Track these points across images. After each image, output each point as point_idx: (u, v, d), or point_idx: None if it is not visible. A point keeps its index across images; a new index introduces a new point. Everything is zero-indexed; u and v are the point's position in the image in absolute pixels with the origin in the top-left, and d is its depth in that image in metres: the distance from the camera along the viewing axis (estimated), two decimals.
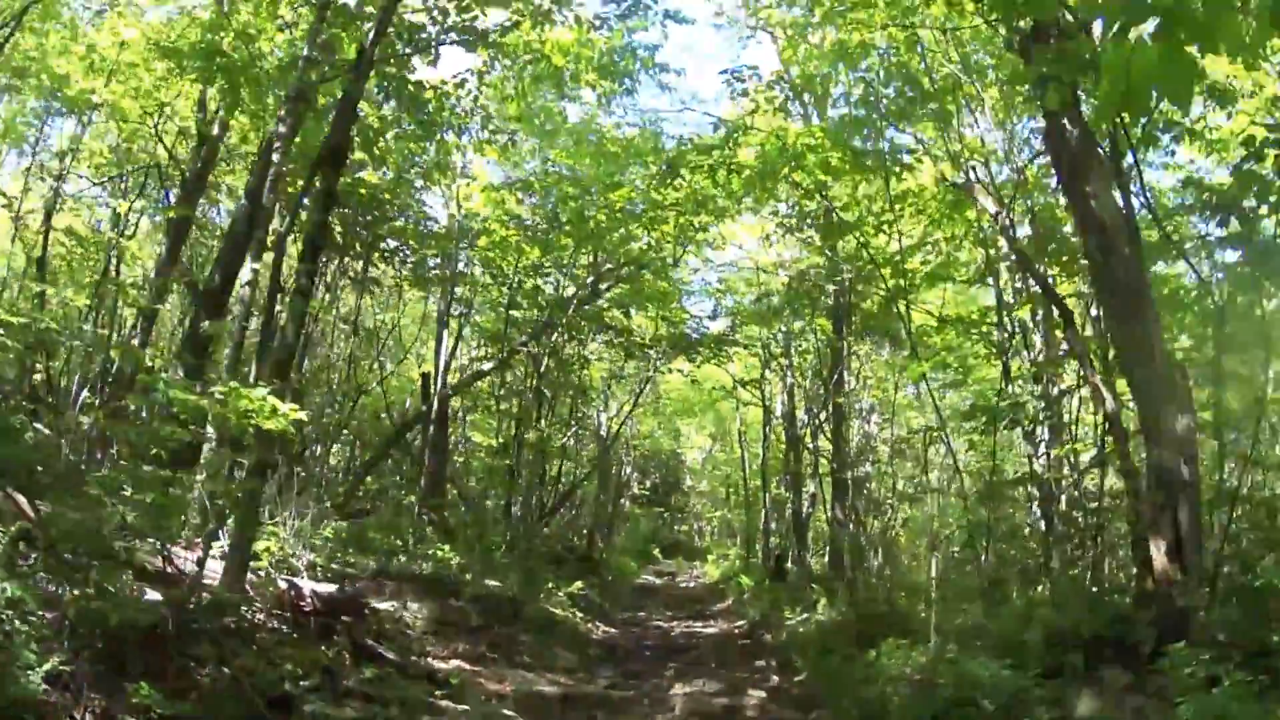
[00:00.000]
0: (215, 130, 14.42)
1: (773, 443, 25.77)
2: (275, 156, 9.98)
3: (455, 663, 8.57)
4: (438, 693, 7.30)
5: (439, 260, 17.70)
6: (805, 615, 14.35)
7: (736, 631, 15.56)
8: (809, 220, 16.44)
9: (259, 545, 8.17)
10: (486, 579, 12.97)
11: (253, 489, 7.41)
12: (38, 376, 13.59)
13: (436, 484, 24.14)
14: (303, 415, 7.52)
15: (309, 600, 7.38)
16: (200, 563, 6.66)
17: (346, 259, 17.84)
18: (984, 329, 19.80)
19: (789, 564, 21.05)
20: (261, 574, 8.06)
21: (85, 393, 13.16)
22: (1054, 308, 11.06)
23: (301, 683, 6.18)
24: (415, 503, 21.81)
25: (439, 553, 13.68)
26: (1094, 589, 10.09)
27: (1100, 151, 8.67)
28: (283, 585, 7.54)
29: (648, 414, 33.02)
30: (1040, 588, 10.84)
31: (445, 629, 9.39)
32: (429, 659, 8.44)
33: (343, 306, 22.91)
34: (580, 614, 14.72)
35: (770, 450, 22.98)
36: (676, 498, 49.79)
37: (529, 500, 20.83)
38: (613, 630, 14.90)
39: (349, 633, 7.40)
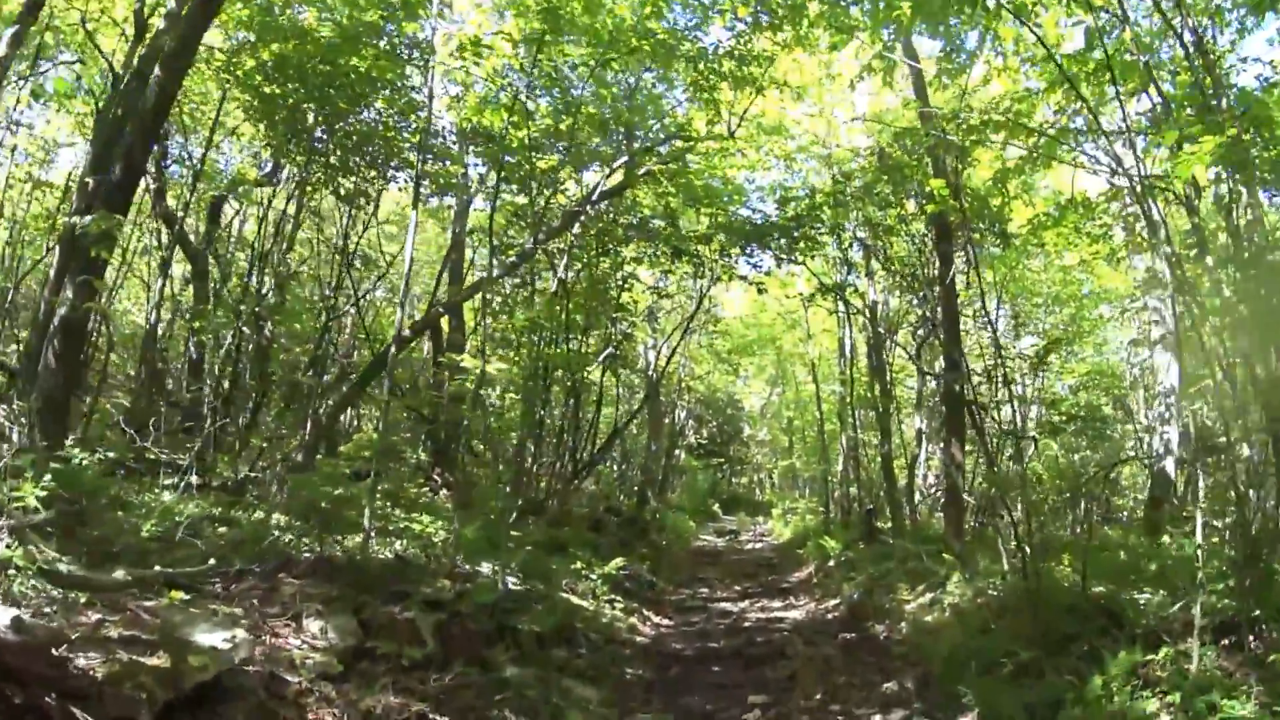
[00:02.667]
0: None
1: (852, 375, 21.64)
2: None
3: None
4: None
5: (426, 160, 13.65)
6: (930, 596, 10.31)
7: (832, 617, 11.57)
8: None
9: None
10: (484, 563, 9.13)
11: None
12: None
13: (451, 440, 20.41)
14: None
15: None
16: None
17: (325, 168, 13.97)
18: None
19: (882, 520, 16.95)
20: None
21: None
22: None
23: None
24: (428, 462, 18.25)
25: (416, 526, 9.84)
26: None
27: None
28: None
29: (703, 352, 28.82)
30: None
31: (368, 666, 5.55)
32: None
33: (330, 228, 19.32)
34: (620, 604, 10.82)
35: (852, 385, 18.74)
36: (735, 447, 45.90)
37: (560, 452, 16.93)
38: (664, 624, 10.99)
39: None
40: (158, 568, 5.77)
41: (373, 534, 8.94)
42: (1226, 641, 6.43)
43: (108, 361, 16.50)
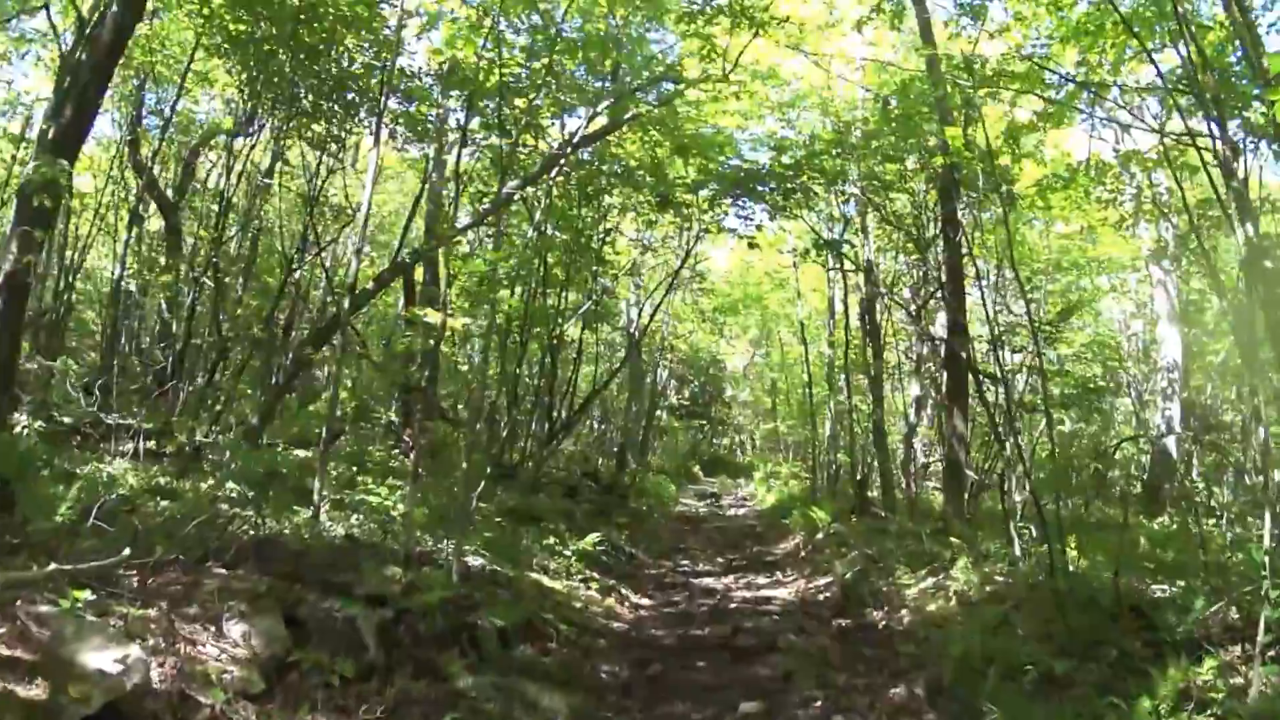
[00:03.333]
0: None
1: (847, 338, 20.91)
2: None
3: None
4: None
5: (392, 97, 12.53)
6: (933, 580, 9.54)
7: (824, 598, 10.79)
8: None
9: None
10: (447, 540, 8.26)
11: None
12: None
13: (426, 400, 19.50)
14: None
15: None
16: None
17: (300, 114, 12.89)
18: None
19: (872, 491, 16.22)
20: None
21: None
22: None
23: None
24: (398, 423, 17.33)
25: (373, 499, 8.95)
26: None
27: None
28: None
29: (687, 309, 27.88)
30: None
31: (296, 680, 4.67)
32: None
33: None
34: (596, 583, 9.99)
35: (846, 348, 17.91)
36: (717, 408, 45.18)
37: (535, 413, 16.05)
38: (644, 604, 10.18)
39: None
40: (54, 565, 4.84)
41: (324, 508, 8.05)
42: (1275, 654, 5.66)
43: (67, 319, 15.50)
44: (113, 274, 15.60)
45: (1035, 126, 13.23)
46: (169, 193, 16.02)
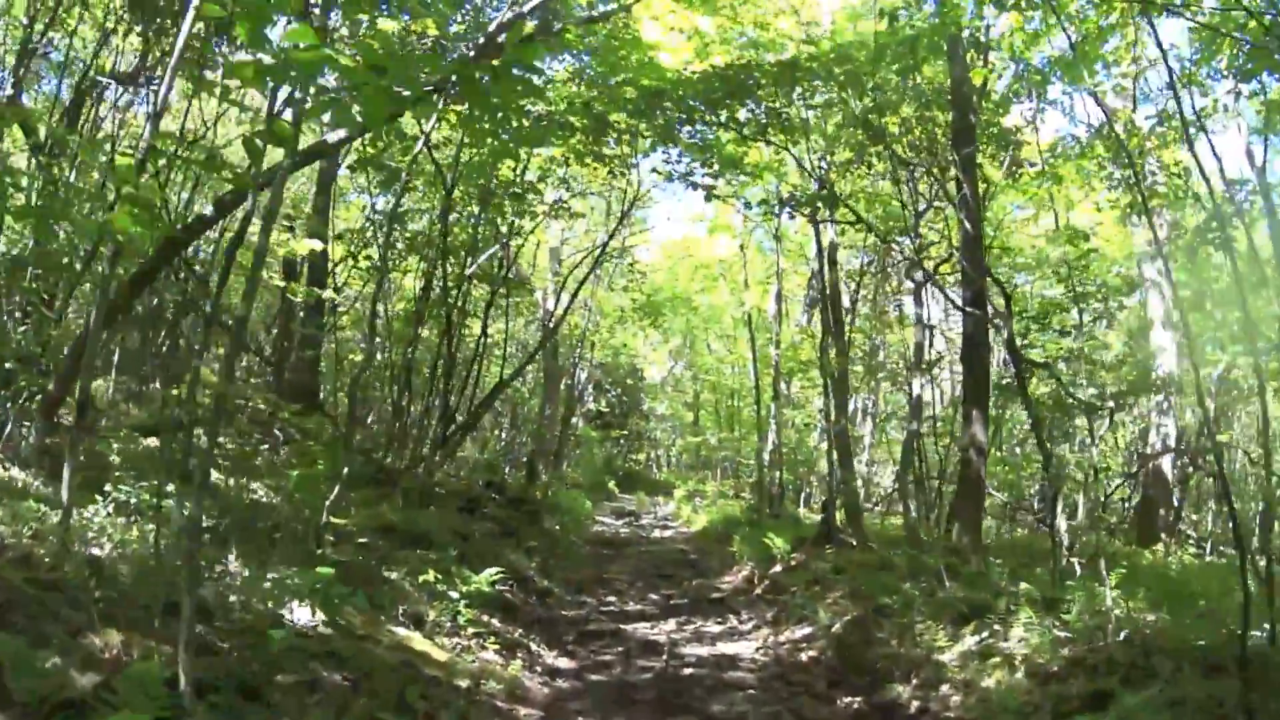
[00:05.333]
0: None
1: (787, 333, 18.24)
2: None
3: None
4: None
5: None
6: (978, 639, 6.71)
7: (808, 658, 7.89)
8: None
9: None
10: (248, 570, 5.13)
11: None
12: None
13: (301, 385, 16.14)
14: None
15: None
16: None
17: None
18: None
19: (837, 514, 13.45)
20: None
21: None
22: None
23: None
24: (267, 411, 13.98)
25: (144, 499, 5.75)
26: None
27: None
28: None
29: (612, 299, 24.77)
30: None
31: None
32: None
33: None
34: (494, 639, 6.91)
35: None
36: (634, 420, 42.33)
37: (428, 408, 12.84)
38: (562, 669, 7.12)
39: None
40: None
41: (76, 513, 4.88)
42: None
43: None
44: None
45: (1048, 79, 10.85)
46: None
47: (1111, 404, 9.12)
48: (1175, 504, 14.82)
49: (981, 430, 8.93)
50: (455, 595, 6.78)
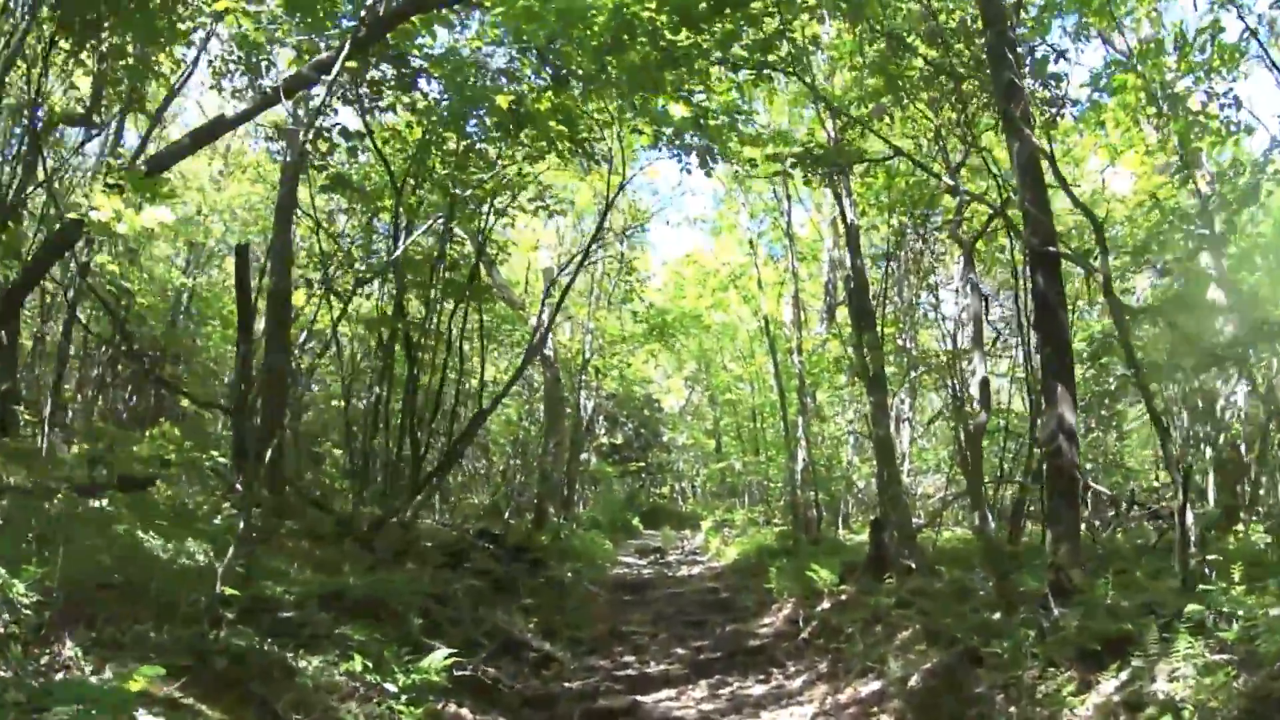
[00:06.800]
0: None
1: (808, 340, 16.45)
2: None
3: None
4: None
5: None
6: (1119, 681, 4.79)
7: None
8: None
9: None
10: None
11: None
12: None
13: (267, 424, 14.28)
14: None
15: None
16: None
17: None
18: None
19: (888, 536, 11.48)
20: None
21: None
22: None
23: None
24: (227, 465, 12.24)
25: None
26: None
27: None
28: None
29: (613, 325, 22.88)
30: None
31: None
32: None
33: None
34: None
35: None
36: (655, 453, 40.46)
37: (397, 446, 11.00)
38: None
39: None
40: None
41: None
42: None
43: None
44: None
45: None
46: None
47: (1242, 352, 7.19)
48: (1252, 477, 12.82)
49: (1070, 409, 7.03)
50: (393, 688, 4.92)
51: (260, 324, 12.80)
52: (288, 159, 13.75)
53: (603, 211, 10.83)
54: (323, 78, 7.51)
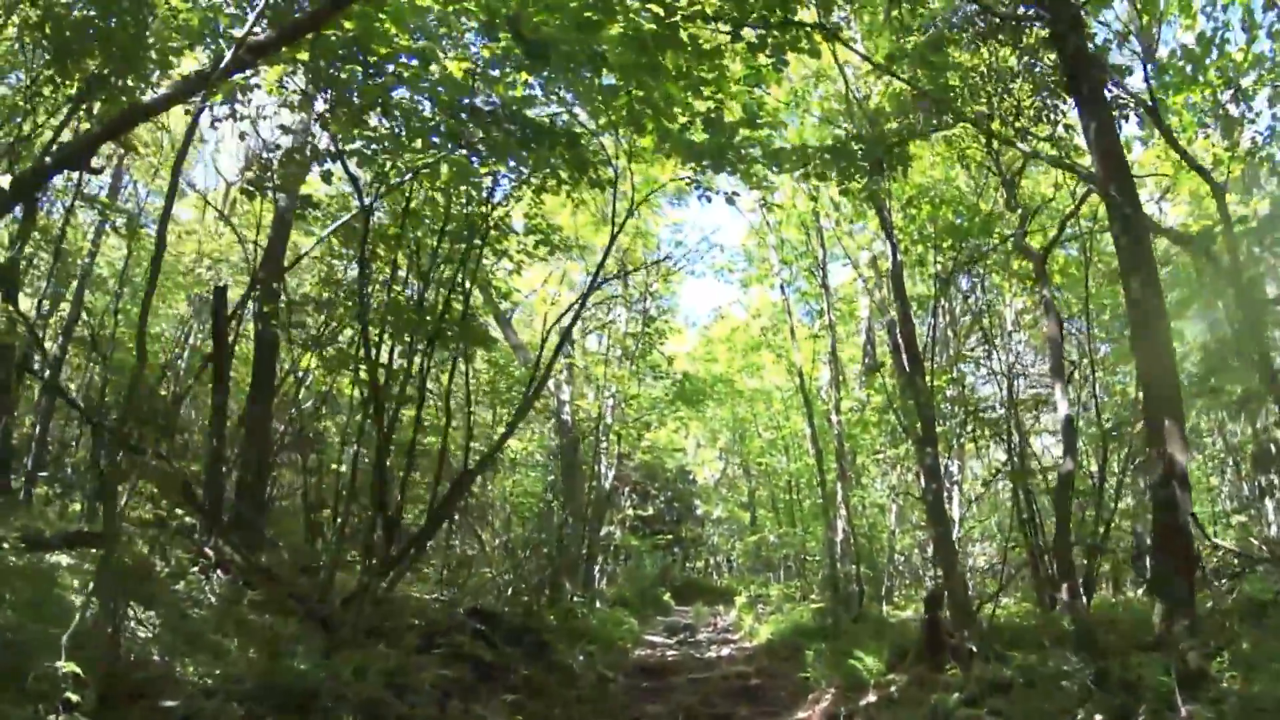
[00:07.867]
0: None
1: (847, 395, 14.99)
2: None
3: None
4: None
5: None
6: None
7: None
8: None
9: None
10: None
11: None
12: None
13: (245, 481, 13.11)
14: None
15: None
16: None
17: None
18: None
19: (945, 611, 9.83)
20: None
21: None
22: None
23: None
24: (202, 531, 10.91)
25: None
26: None
27: None
28: None
29: (639, 389, 21.42)
30: None
31: None
32: None
33: None
34: None
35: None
36: (687, 527, 38.80)
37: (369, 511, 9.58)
38: None
39: None
40: None
41: None
42: None
43: None
44: None
45: None
46: None
47: None
48: None
49: (1181, 449, 5.52)
50: None
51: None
52: (280, 204, 12.76)
53: (611, 236, 9.53)
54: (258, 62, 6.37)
